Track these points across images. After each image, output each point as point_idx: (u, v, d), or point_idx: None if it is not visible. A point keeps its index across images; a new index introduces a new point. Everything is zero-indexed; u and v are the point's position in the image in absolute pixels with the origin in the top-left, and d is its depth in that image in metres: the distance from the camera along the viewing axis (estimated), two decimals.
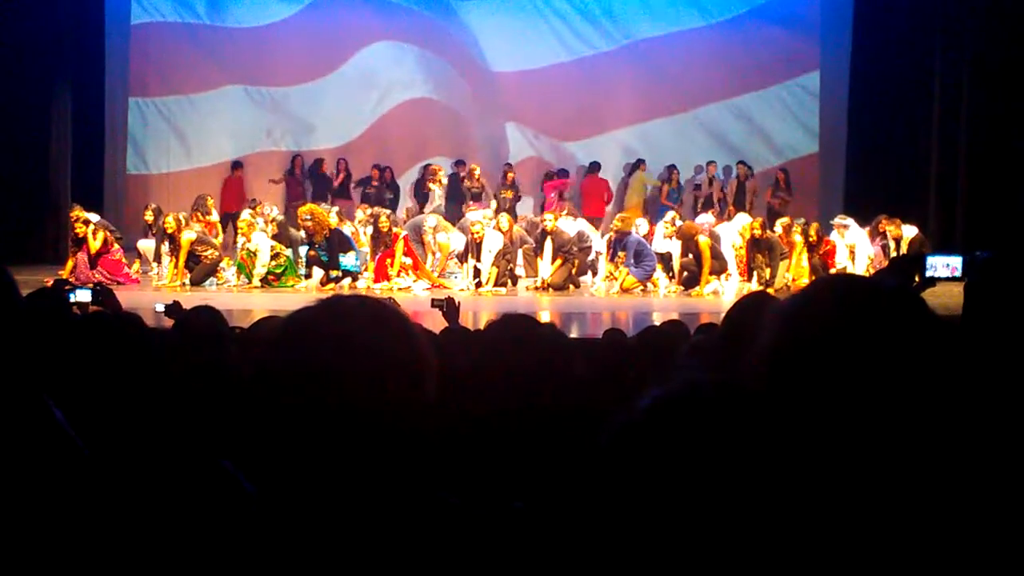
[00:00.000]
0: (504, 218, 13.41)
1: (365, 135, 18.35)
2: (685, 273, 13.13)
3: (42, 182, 15.32)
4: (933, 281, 3.55)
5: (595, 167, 17.54)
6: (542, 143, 18.56)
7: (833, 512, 1.10)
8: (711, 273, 13.04)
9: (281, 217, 14.22)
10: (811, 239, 13.24)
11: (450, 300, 5.64)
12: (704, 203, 17.37)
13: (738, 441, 1.05)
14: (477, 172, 16.83)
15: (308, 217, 12.81)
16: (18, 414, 1.65)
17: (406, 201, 17.37)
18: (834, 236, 13.70)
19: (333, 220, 13.40)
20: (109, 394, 2.85)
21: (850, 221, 13.79)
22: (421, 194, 16.91)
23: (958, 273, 3.82)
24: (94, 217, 13.41)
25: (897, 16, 15.89)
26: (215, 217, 14.69)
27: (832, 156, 17.79)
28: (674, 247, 13.75)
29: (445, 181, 16.66)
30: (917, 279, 3.37)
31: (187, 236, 12.85)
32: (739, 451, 1.04)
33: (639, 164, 17.71)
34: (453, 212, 15.80)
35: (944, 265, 3.69)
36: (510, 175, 16.92)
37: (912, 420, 1.27)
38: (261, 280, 12.65)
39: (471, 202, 16.37)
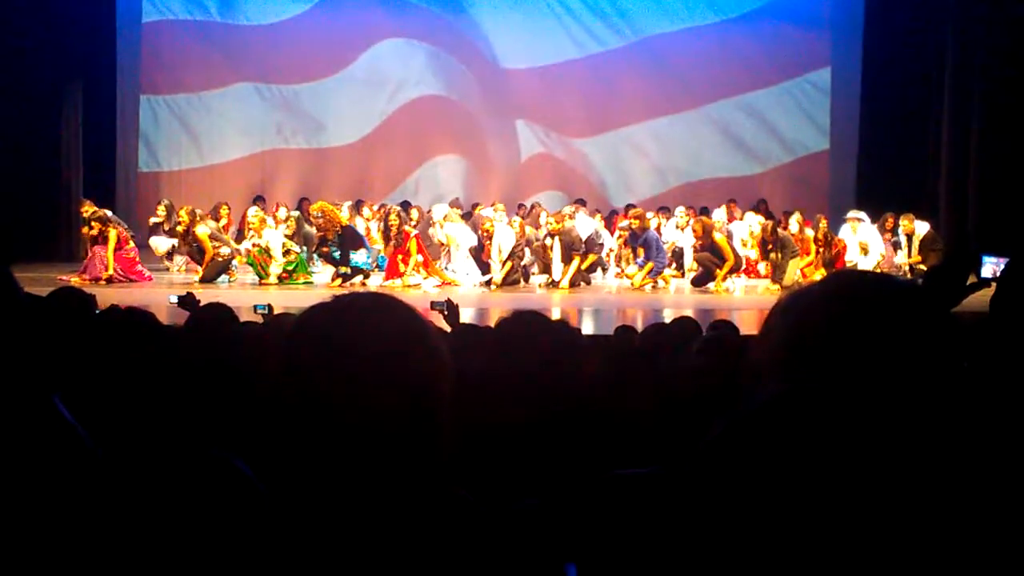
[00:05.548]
0: (515, 218, 13.45)
1: (375, 132, 18.37)
2: (699, 267, 13.04)
3: (54, 180, 15.40)
4: (988, 282, 3.46)
5: None
6: (552, 140, 18.54)
7: (840, 516, 1.10)
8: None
9: (296, 214, 14.25)
10: (826, 237, 13.16)
11: (449, 302, 5.61)
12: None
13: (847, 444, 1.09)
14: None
15: (320, 214, 12.82)
16: (23, 412, 1.66)
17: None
18: (846, 230, 13.66)
19: (345, 217, 13.39)
20: (122, 390, 2.86)
21: (863, 216, 13.76)
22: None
23: None
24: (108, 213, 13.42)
25: (908, 11, 15.83)
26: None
27: (843, 152, 17.74)
28: (686, 240, 13.73)
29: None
30: (974, 279, 3.30)
31: (201, 230, 12.87)
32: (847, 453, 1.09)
33: None
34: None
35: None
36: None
37: (922, 419, 1.27)
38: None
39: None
